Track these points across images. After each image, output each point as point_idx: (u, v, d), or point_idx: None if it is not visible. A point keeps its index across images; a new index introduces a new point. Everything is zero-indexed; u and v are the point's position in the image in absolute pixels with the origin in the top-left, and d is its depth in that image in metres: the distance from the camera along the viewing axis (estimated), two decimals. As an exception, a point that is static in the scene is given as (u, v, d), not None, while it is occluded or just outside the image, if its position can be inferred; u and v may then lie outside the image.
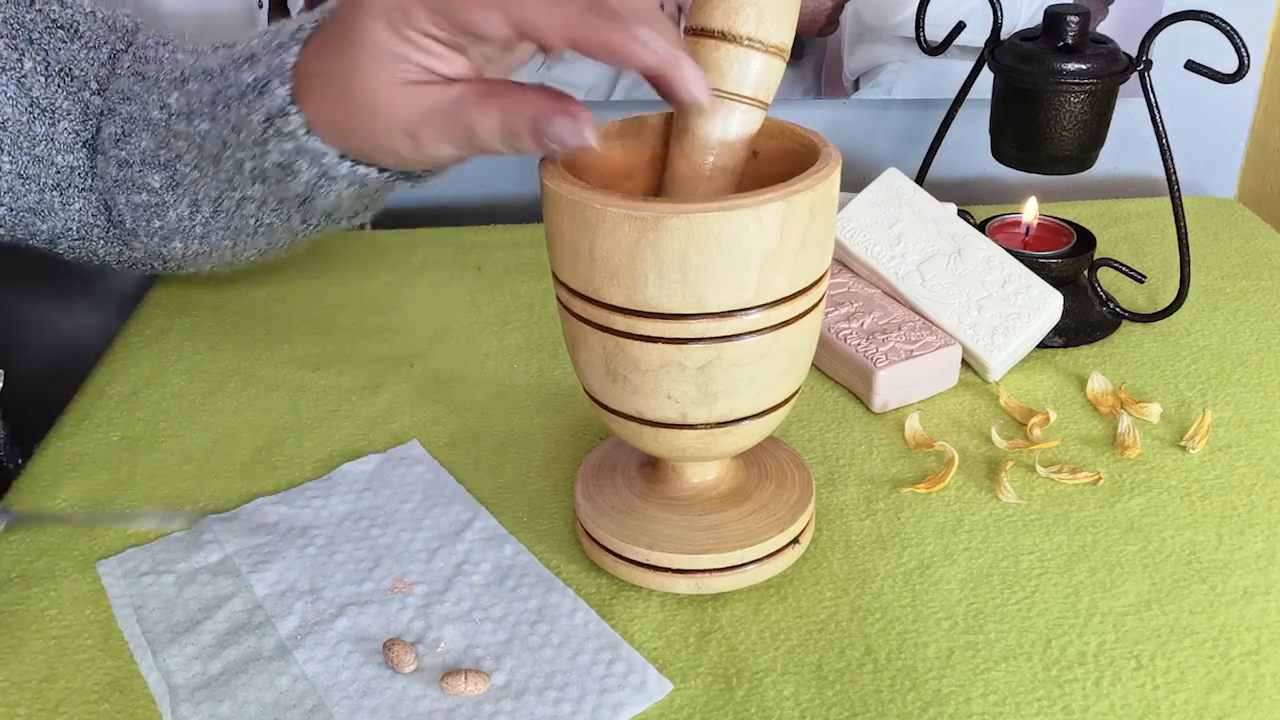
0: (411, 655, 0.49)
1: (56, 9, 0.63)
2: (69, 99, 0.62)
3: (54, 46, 0.62)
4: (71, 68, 0.63)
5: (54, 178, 0.63)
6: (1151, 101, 0.71)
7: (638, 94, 0.92)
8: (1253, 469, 0.61)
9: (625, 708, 0.47)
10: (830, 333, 0.69)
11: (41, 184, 0.63)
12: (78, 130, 0.63)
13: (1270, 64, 0.97)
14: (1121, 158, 0.98)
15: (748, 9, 0.48)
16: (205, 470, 0.63)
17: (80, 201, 0.64)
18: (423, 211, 0.98)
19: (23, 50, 0.61)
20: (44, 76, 0.62)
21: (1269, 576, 0.54)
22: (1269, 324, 0.75)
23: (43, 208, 0.64)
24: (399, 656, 0.49)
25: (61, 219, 0.65)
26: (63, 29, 0.63)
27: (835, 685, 0.49)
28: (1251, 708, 0.47)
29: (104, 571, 0.55)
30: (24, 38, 0.61)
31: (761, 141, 0.52)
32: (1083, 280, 0.75)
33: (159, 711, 0.48)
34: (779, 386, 0.50)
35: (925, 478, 0.61)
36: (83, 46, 0.63)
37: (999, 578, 0.54)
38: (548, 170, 0.47)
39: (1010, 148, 0.74)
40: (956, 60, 0.90)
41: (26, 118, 0.61)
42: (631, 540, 0.53)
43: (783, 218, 0.44)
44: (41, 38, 0.62)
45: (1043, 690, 0.48)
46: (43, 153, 0.62)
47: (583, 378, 0.52)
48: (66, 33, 0.63)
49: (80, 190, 0.64)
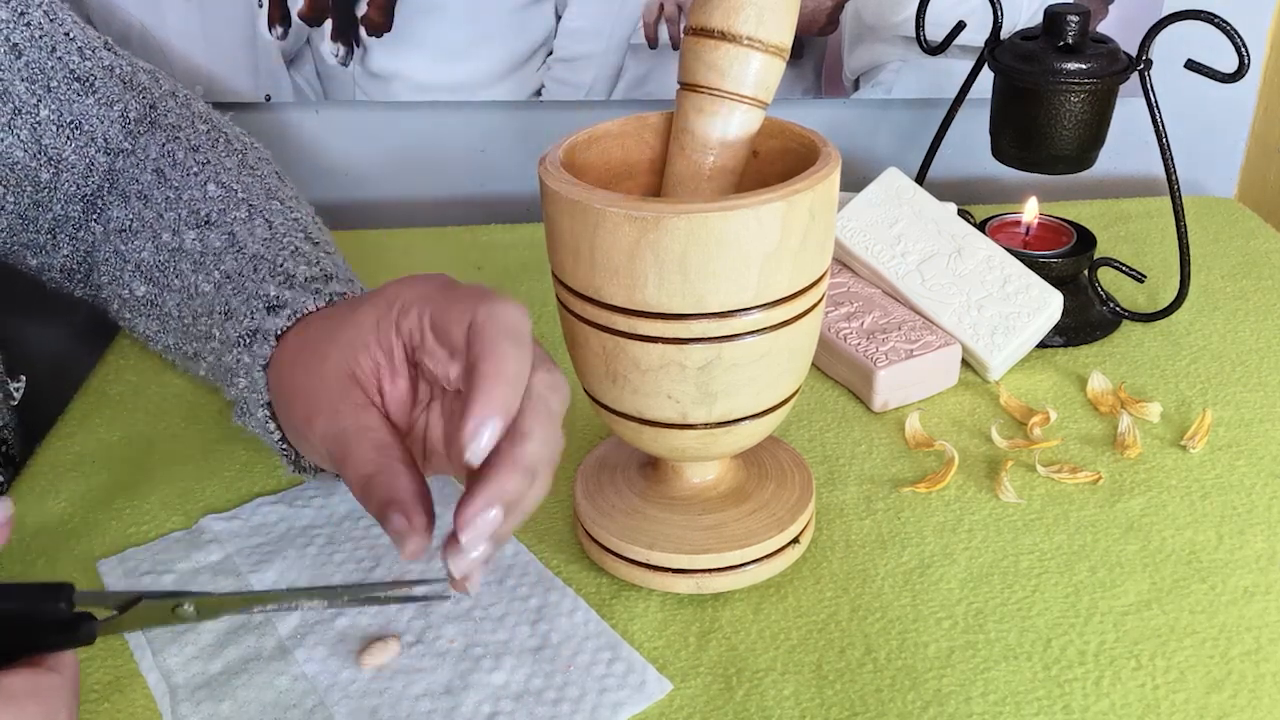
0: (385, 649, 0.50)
1: (76, 60, 0.64)
2: (76, 153, 0.63)
3: (69, 98, 0.63)
4: (83, 122, 0.64)
5: (50, 223, 0.65)
6: (1151, 101, 0.71)
7: (637, 94, 0.92)
8: (1253, 469, 0.61)
9: (625, 707, 0.47)
10: (830, 333, 0.69)
11: (38, 226, 0.65)
12: (79, 183, 0.64)
13: (1270, 64, 0.96)
14: (1121, 158, 0.98)
15: (748, 9, 0.48)
16: (205, 470, 0.63)
17: (68, 248, 0.66)
18: (423, 211, 0.98)
19: (40, 97, 0.62)
20: (56, 126, 0.63)
21: (1269, 576, 0.54)
22: (1269, 324, 0.75)
23: (35, 245, 0.66)
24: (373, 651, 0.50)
25: (49, 259, 0.67)
26: (79, 81, 0.64)
27: (835, 685, 0.49)
28: (1251, 708, 0.47)
29: (104, 571, 0.55)
30: (43, 84, 0.62)
31: (761, 141, 0.52)
32: (1083, 280, 0.75)
33: (159, 711, 0.48)
34: (779, 386, 0.50)
35: (925, 477, 0.61)
36: (96, 103, 0.64)
37: (999, 577, 0.54)
38: (548, 170, 0.47)
39: (1010, 147, 0.74)
40: (956, 60, 0.90)
41: (35, 164, 0.63)
42: (631, 540, 0.53)
43: (783, 218, 0.44)
44: (59, 88, 0.63)
45: (1043, 690, 0.48)
46: (44, 198, 0.64)
47: (583, 378, 0.52)
48: (83, 86, 0.64)
49: (69, 238, 0.65)
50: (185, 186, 0.62)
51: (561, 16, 0.89)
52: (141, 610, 0.42)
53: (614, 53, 0.90)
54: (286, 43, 0.89)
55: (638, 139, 0.54)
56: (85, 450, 0.65)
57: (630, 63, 0.91)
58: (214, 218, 0.60)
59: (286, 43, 0.89)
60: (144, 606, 0.42)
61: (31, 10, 0.63)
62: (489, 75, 0.91)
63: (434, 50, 0.89)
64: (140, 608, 0.42)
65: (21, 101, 0.62)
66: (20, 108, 0.62)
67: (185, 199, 0.62)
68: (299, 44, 0.89)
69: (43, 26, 0.63)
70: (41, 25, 0.63)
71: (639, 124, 0.54)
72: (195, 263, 0.59)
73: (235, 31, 0.88)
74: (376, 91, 0.91)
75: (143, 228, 0.62)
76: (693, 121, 0.51)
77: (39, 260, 0.67)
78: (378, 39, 0.89)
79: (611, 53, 0.90)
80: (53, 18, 0.64)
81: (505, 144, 0.96)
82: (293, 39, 0.88)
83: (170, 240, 0.61)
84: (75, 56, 0.64)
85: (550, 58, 0.90)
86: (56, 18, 0.64)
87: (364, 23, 0.88)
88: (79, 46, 0.64)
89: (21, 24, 0.62)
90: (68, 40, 0.64)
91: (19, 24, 0.62)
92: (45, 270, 0.67)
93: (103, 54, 0.66)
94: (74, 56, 0.64)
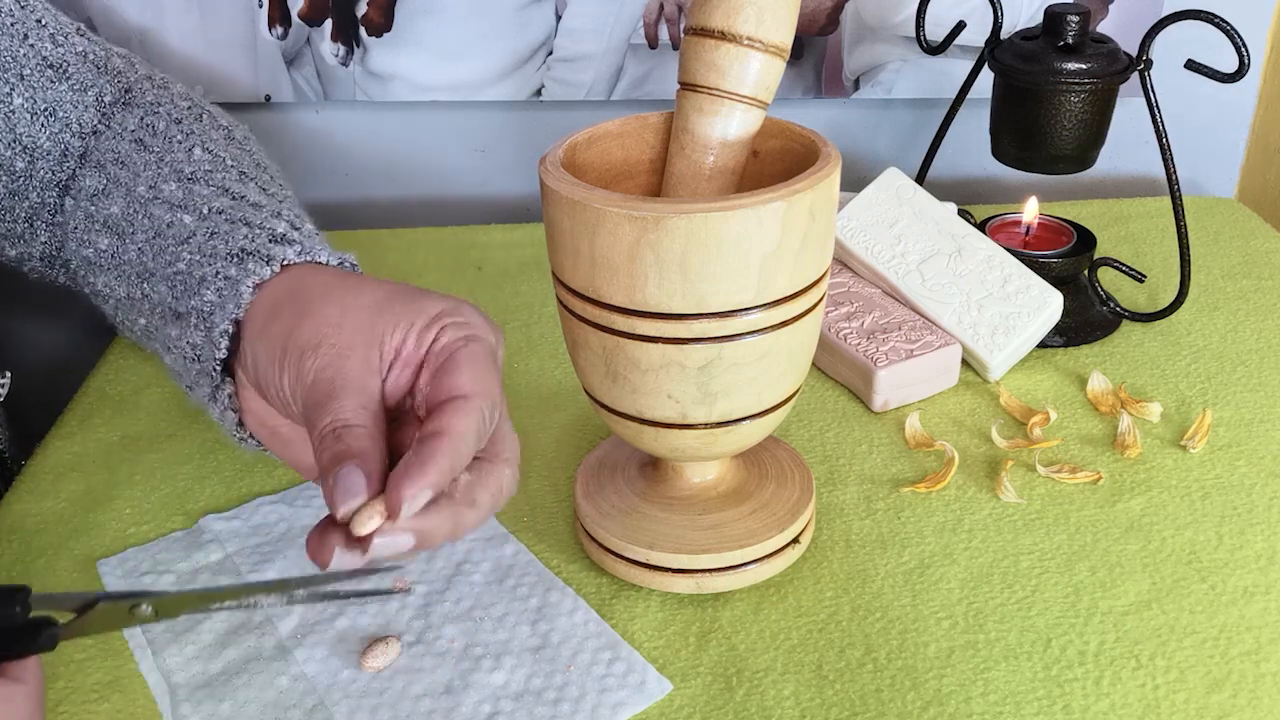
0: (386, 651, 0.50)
1: (49, 47, 0.63)
2: (50, 139, 0.63)
3: (43, 85, 0.62)
4: (57, 109, 0.63)
5: (26, 211, 0.64)
6: (1151, 101, 0.71)
7: (637, 94, 0.92)
8: (1253, 469, 0.61)
9: (625, 707, 0.47)
10: (830, 332, 0.69)
11: (15, 215, 0.64)
12: (54, 170, 0.63)
13: (1270, 64, 0.96)
14: (1121, 158, 0.98)
15: (748, 9, 0.48)
16: (205, 470, 0.63)
17: (46, 235, 0.65)
18: (423, 211, 0.98)
19: (13, 85, 0.61)
20: (30, 114, 0.62)
21: (1269, 576, 0.54)
22: (1269, 324, 0.75)
23: (13, 235, 0.65)
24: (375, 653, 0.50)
25: (28, 248, 0.66)
26: (52, 68, 0.63)
27: (835, 685, 0.49)
28: (1251, 707, 0.47)
29: (104, 571, 0.55)
30: (15, 72, 0.62)
31: (761, 141, 0.52)
32: (1083, 280, 0.75)
33: (159, 711, 0.48)
34: (779, 386, 0.49)
35: (925, 477, 0.61)
36: (70, 89, 0.63)
37: (999, 577, 0.54)
38: (548, 170, 0.47)
39: (1010, 147, 0.74)
40: (956, 60, 0.90)
41: (9, 153, 0.62)
42: (631, 540, 0.53)
43: (783, 218, 0.44)
44: (32, 75, 0.62)
45: (1043, 690, 0.48)
46: (19, 188, 0.63)
47: (583, 377, 0.52)
48: (56, 73, 0.63)
49: (47, 225, 0.65)
50: (167, 150, 0.60)
51: (561, 16, 0.89)
52: (100, 613, 0.40)
53: (614, 53, 0.90)
54: (286, 43, 0.89)
55: (638, 139, 0.54)
56: (85, 450, 0.65)
57: (630, 63, 0.91)
58: (199, 175, 0.58)
59: (286, 43, 0.89)
60: (102, 609, 0.40)
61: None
62: (489, 75, 0.91)
63: (434, 50, 0.89)
64: (99, 610, 0.40)
65: None
66: None
67: (168, 160, 0.59)
68: (299, 44, 0.89)
69: (14, 14, 0.62)
70: (12, 12, 0.62)
71: (639, 124, 0.54)
72: (173, 205, 0.56)
73: (235, 31, 0.88)
74: (376, 91, 0.91)
75: (115, 188, 0.59)
76: (693, 121, 0.51)
77: (18, 250, 0.66)
78: (378, 39, 0.89)
79: (611, 53, 0.90)
80: (24, 5, 0.63)
81: (505, 144, 0.96)
82: (293, 39, 0.89)
83: (145, 193, 0.58)
84: (48, 43, 0.63)
85: (550, 58, 0.90)
86: (28, 5, 0.63)
87: (364, 23, 0.88)
88: (51, 33, 0.64)
89: None
90: (39, 27, 0.63)
91: None
92: (25, 260, 0.67)
93: (75, 40, 0.65)
94: (46, 44, 0.63)
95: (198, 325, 0.51)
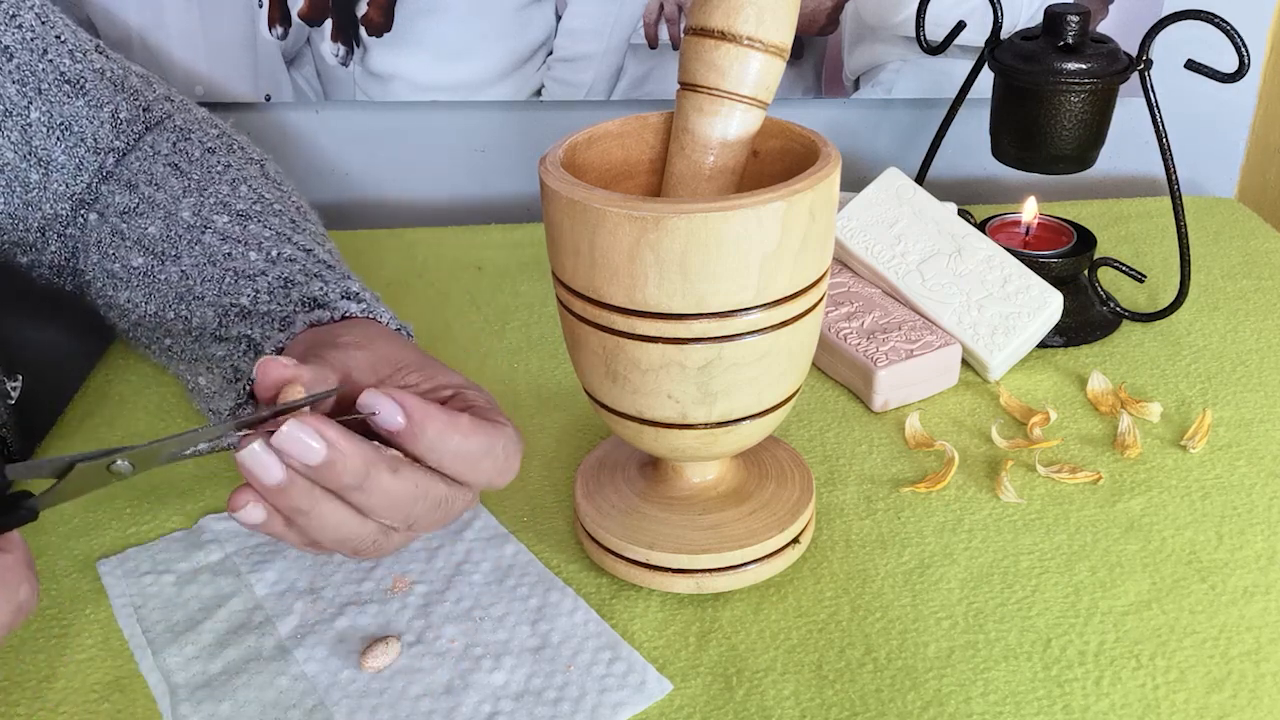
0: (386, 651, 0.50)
1: (67, 63, 0.64)
2: (65, 153, 0.64)
3: (59, 100, 0.64)
4: (73, 123, 0.64)
5: (39, 221, 0.65)
6: (1151, 101, 0.71)
7: (637, 94, 0.92)
8: (1253, 469, 0.61)
9: (625, 707, 0.47)
10: (830, 332, 0.69)
11: (28, 225, 0.66)
12: (68, 183, 0.65)
13: (1270, 64, 0.97)
14: (1121, 158, 0.98)
15: (748, 9, 0.48)
16: (205, 470, 0.63)
17: (56, 245, 0.67)
18: (423, 211, 0.98)
19: (31, 99, 0.63)
20: (46, 128, 0.63)
21: (1269, 576, 0.54)
22: (1269, 324, 0.75)
23: (25, 244, 0.67)
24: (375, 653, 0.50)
25: (39, 256, 0.67)
26: (69, 84, 0.64)
27: (835, 685, 0.49)
28: (1251, 708, 0.47)
29: (104, 571, 0.55)
30: (34, 87, 0.63)
31: (761, 141, 0.52)
32: (1083, 280, 0.75)
33: (159, 711, 0.48)
34: (779, 386, 0.50)
35: (925, 477, 0.61)
36: (86, 104, 0.65)
37: (999, 577, 0.54)
38: (548, 170, 0.47)
39: (1010, 147, 0.74)
40: (956, 60, 0.90)
41: (25, 165, 0.63)
42: (631, 540, 0.53)
43: (783, 218, 0.44)
44: (50, 90, 0.63)
45: (1043, 690, 0.48)
46: (34, 199, 0.64)
47: (583, 377, 0.52)
48: (73, 88, 0.64)
49: (59, 236, 0.66)
50: (209, 181, 0.63)
51: (561, 16, 0.89)
52: (78, 475, 0.40)
53: (614, 53, 0.90)
54: (286, 43, 0.89)
55: (638, 139, 0.54)
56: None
57: (630, 63, 0.91)
58: (252, 214, 0.61)
59: (286, 43, 0.89)
60: (80, 470, 0.40)
61: (23, 13, 0.63)
62: (489, 75, 0.91)
63: (434, 50, 0.89)
64: (76, 472, 0.40)
65: (12, 103, 0.62)
66: (10, 109, 0.62)
67: (210, 191, 0.62)
68: (299, 44, 0.89)
69: (34, 29, 0.63)
70: (33, 28, 0.63)
71: (639, 124, 0.54)
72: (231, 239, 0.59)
73: (235, 32, 0.88)
74: (376, 91, 0.91)
75: (151, 208, 0.62)
76: (693, 121, 0.51)
77: (29, 258, 0.68)
78: (378, 39, 0.89)
79: (611, 53, 0.90)
80: (44, 20, 0.64)
81: (505, 144, 0.96)
82: (293, 39, 0.89)
83: (190, 219, 0.61)
84: (66, 59, 0.64)
85: (550, 58, 0.90)
86: (48, 20, 0.64)
87: (364, 23, 0.88)
88: (70, 49, 0.65)
89: (13, 26, 0.62)
90: (59, 43, 0.64)
91: (10, 26, 0.62)
92: (35, 268, 0.68)
93: (94, 57, 0.67)
94: (65, 59, 0.64)
95: (247, 351, 0.55)
